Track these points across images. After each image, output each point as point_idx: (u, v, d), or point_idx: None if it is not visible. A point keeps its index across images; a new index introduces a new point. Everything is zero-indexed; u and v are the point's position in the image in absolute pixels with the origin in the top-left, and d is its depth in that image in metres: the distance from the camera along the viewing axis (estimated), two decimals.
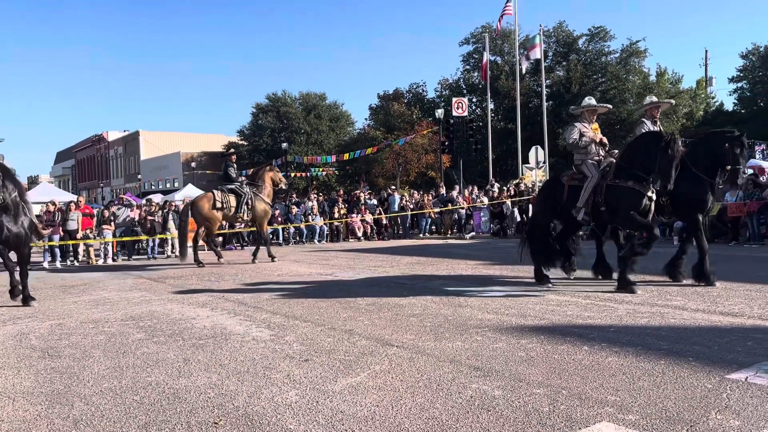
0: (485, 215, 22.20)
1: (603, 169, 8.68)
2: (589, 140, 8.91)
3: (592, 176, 8.64)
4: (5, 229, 8.59)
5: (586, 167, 8.79)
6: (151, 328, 6.88)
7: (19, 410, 4.22)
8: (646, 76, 40.55)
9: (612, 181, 8.36)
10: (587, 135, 8.93)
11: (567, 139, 9.15)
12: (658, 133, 8.36)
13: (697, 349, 5.04)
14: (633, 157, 8.27)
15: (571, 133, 9.05)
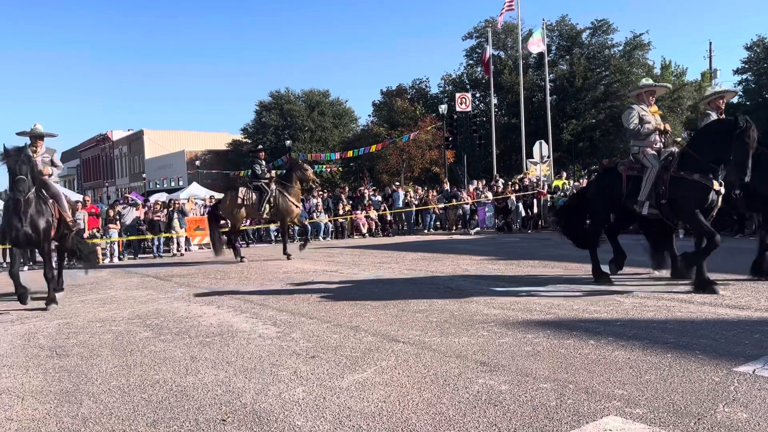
0: (490, 210, 22.18)
1: (665, 158, 7.85)
2: (652, 129, 8.06)
3: (652, 166, 7.82)
4: (14, 229, 8.36)
5: (646, 158, 7.95)
6: (158, 327, 6.90)
7: (29, 409, 4.24)
8: (650, 69, 40.37)
9: (676, 172, 7.57)
10: (651, 123, 8.06)
11: (626, 124, 8.19)
12: (730, 120, 7.37)
13: (704, 342, 5.03)
14: (701, 146, 7.51)
15: (630, 117, 8.11)
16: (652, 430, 3.33)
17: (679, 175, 7.53)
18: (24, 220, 8.30)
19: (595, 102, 39.09)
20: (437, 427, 3.54)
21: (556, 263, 10.99)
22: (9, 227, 8.31)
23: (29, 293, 8.68)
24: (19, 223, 8.28)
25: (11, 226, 8.28)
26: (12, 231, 8.29)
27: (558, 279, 9.10)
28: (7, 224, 8.35)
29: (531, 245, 15.39)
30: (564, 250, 13.55)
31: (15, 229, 8.28)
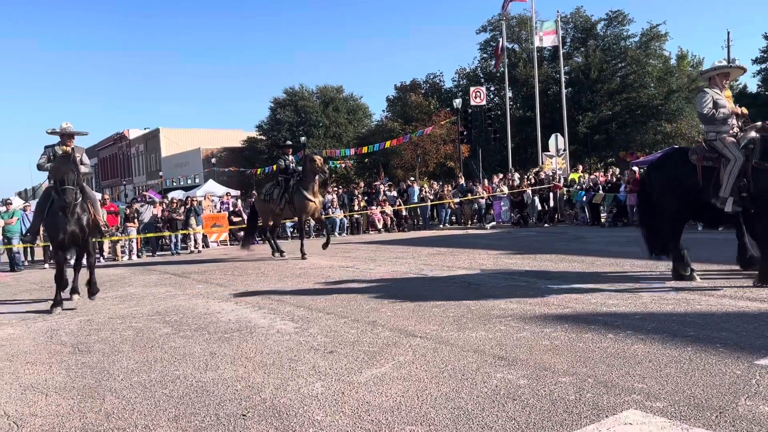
0: (505, 205, 22.09)
1: (746, 146, 7.19)
2: (729, 113, 7.40)
3: (736, 159, 7.12)
4: (61, 231, 8.37)
5: (726, 148, 7.24)
6: (177, 323, 6.97)
7: (52, 405, 4.31)
8: (666, 60, 39.92)
9: (759, 163, 6.96)
10: (726, 107, 7.41)
11: (699, 109, 7.51)
12: None
13: (725, 335, 4.99)
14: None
15: (704, 101, 7.42)
16: (673, 423, 3.31)
17: (765, 167, 6.91)
18: (71, 220, 8.36)
19: (610, 94, 38.72)
20: (456, 421, 3.55)
21: (573, 257, 10.93)
22: (56, 229, 8.37)
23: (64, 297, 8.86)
24: (67, 225, 8.32)
25: (58, 227, 8.32)
26: (59, 233, 8.33)
27: (575, 272, 9.05)
28: (54, 226, 8.40)
29: (547, 239, 15.32)
30: (580, 244, 13.51)
31: (63, 230, 8.31)
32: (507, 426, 3.43)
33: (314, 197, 13.79)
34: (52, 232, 8.51)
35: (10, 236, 16.77)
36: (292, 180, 14.14)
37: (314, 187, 13.78)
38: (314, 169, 13.62)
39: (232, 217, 21.53)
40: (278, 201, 14.17)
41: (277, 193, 14.26)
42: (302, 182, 13.87)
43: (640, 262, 9.63)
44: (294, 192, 13.88)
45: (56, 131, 8.97)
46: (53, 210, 8.39)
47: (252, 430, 3.62)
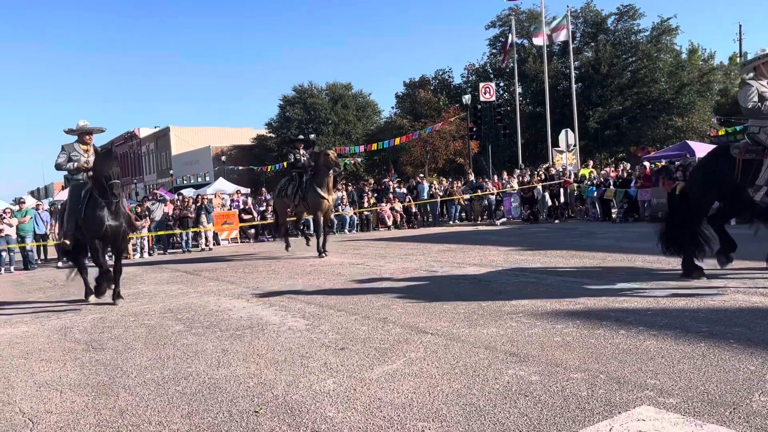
0: (515, 201, 22.03)
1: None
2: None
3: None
4: (105, 225, 8.43)
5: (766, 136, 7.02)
6: (189, 320, 7.02)
7: (67, 401, 4.36)
8: (677, 54, 39.57)
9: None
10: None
11: (744, 103, 7.20)
12: None
13: (738, 331, 4.95)
14: None
15: (749, 95, 7.11)
16: (686, 419, 3.29)
17: None
18: (113, 215, 8.45)
19: (621, 89, 38.44)
20: (468, 417, 3.55)
21: (584, 253, 10.88)
22: (98, 223, 8.38)
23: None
24: (110, 219, 8.41)
25: (97, 221, 8.36)
26: (99, 226, 8.37)
27: (586, 269, 9.02)
28: (95, 221, 8.39)
29: (558, 235, 15.27)
30: (591, 240, 13.45)
31: (102, 224, 8.36)
32: (519, 422, 3.43)
33: (328, 194, 13.41)
34: (94, 226, 8.43)
35: (24, 235, 16.93)
36: (305, 176, 13.74)
37: (328, 183, 13.36)
38: (328, 163, 13.20)
39: (243, 215, 21.61)
40: (292, 197, 13.85)
41: (292, 189, 13.91)
42: (315, 178, 13.41)
43: (651, 257, 9.58)
44: (307, 188, 13.49)
45: (73, 130, 8.99)
46: (92, 205, 8.40)
47: (264, 426, 3.64)
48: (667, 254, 8.08)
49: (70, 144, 8.99)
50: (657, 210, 17.74)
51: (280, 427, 3.61)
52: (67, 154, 8.88)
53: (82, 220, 8.56)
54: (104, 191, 8.32)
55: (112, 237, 8.63)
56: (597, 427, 3.29)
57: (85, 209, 8.48)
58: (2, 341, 6.61)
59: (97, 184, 8.40)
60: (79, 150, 8.93)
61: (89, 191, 8.59)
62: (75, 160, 8.86)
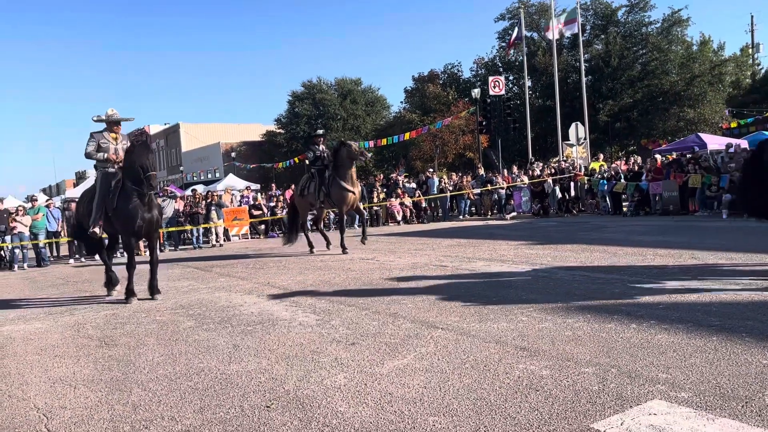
0: (526, 195, 21.96)
1: None
2: None
3: None
4: (139, 218, 8.34)
5: None
6: (201, 316, 7.06)
7: (81, 397, 4.40)
8: (689, 46, 39.24)
9: None
10: None
11: None
12: None
13: (751, 325, 4.92)
14: None
15: None
16: (698, 413, 3.28)
17: None
18: (148, 207, 8.42)
19: (631, 81, 38.20)
20: (478, 412, 3.55)
21: (594, 247, 10.84)
22: (132, 217, 8.29)
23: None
24: (144, 212, 8.37)
25: (135, 215, 8.29)
26: (136, 219, 8.30)
27: (597, 263, 8.97)
28: (129, 213, 8.30)
29: (568, 229, 15.21)
30: (602, 234, 13.39)
31: (140, 218, 8.32)
32: (530, 416, 3.43)
33: (353, 186, 12.94)
34: (127, 219, 8.34)
35: (36, 232, 17.08)
36: (327, 171, 13.21)
37: (352, 175, 12.92)
38: (351, 155, 12.72)
39: (253, 211, 21.68)
40: (316, 194, 13.30)
41: (314, 187, 13.40)
42: (338, 171, 12.90)
43: (663, 251, 9.54)
44: (331, 183, 12.97)
45: (102, 118, 8.91)
46: (124, 197, 8.32)
47: (276, 421, 3.66)
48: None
49: (99, 132, 8.89)
50: (668, 203, 17.64)
51: (291, 422, 3.63)
52: (96, 143, 8.77)
53: (113, 212, 8.44)
54: (139, 182, 8.23)
55: (146, 230, 8.57)
56: (608, 421, 3.28)
57: (117, 201, 8.38)
58: (16, 337, 6.68)
59: (132, 174, 8.29)
60: (109, 138, 8.83)
61: (120, 182, 8.47)
62: (104, 150, 8.76)
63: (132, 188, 8.29)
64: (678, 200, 17.43)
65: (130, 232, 8.47)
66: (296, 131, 52.36)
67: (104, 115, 8.93)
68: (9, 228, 16.58)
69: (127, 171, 8.39)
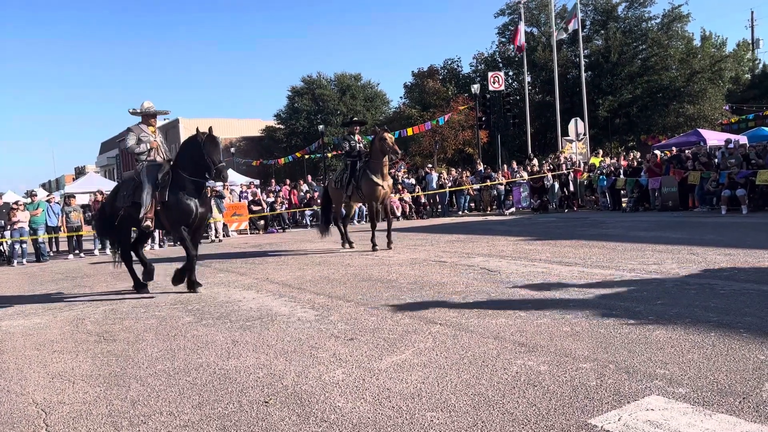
0: (525, 190, 21.96)
1: None
2: None
3: None
4: (194, 212, 8.35)
5: None
6: (200, 312, 7.06)
7: (79, 392, 4.40)
8: (689, 41, 39.17)
9: None
10: None
11: None
12: None
13: (749, 321, 4.93)
14: None
15: None
16: (696, 409, 3.29)
17: None
18: (200, 203, 8.43)
19: (631, 77, 38.14)
20: (476, 407, 3.56)
21: (593, 243, 10.85)
22: (184, 210, 8.28)
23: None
24: (200, 205, 8.40)
25: (186, 208, 8.28)
26: (188, 214, 8.30)
27: (596, 258, 8.98)
28: (184, 206, 8.29)
29: (567, 225, 15.21)
30: (601, 230, 13.39)
31: (191, 211, 8.30)
32: (527, 412, 3.43)
33: (383, 180, 12.39)
34: (182, 213, 8.31)
35: (36, 227, 17.07)
36: (359, 162, 12.75)
37: (383, 169, 12.36)
38: (384, 148, 12.16)
39: (252, 206, 21.68)
40: (346, 187, 12.88)
41: (346, 178, 12.95)
42: (369, 164, 12.42)
43: (661, 246, 9.55)
44: (361, 176, 12.52)
45: (138, 111, 8.88)
46: (177, 190, 8.30)
47: (274, 416, 3.67)
48: None
49: (137, 125, 8.87)
50: (667, 199, 17.65)
51: (289, 417, 3.63)
52: (136, 136, 8.76)
53: (161, 205, 8.37)
54: (201, 173, 8.30)
55: (198, 224, 8.60)
56: (606, 416, 3.29)
57: (169, 193, 8.33)
58: (15, 333, 6.68)
59: (192, 167, 8.31)
60: (147, 131, 8.82)
61: (169, 174, 8.45)
62: (146, 141, 8.73)
63: (190, 181, 8.31)
64: (677, 196, 17.44)
65: (183, 224, 8.42)
66: (296, 126, 52.36)
67: (140, 108, 8.90)
68: (9, 223, 16.57)
69: (186, 164, 8.39)
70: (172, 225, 8.56)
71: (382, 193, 12.53)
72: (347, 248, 13.16)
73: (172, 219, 8.41)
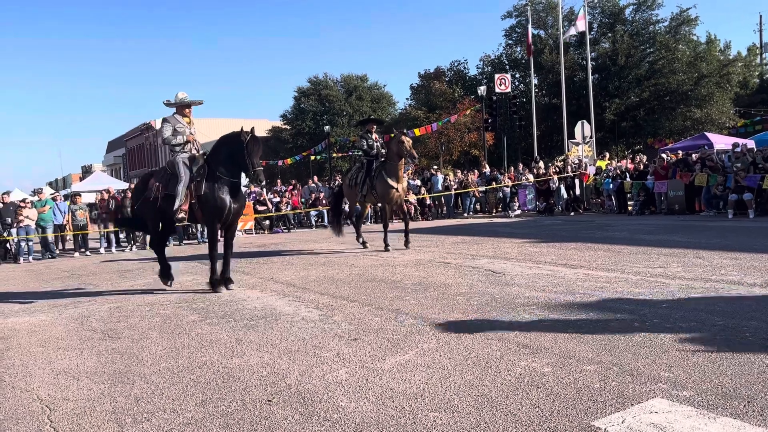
0: (530, 193, 21.91)
1: None
2: None
3: None
4: (228, 206, 8.37)
5: None
6: (204, 310, 7.08)
7: (84, 389, 4.42)
8: (696, 45, 39.01)
9: None
10: None
11: None
12: None
13: (754, 324, 4.90)
14: None
15: None
16: (700, 412, 3.27)
17: None
18: (234, 199, 8.48)
19: (638, 80, 37.99)
20: (480, 408, 3.56)
21: (599, 245, 10.82)
22: (218, 205, 8.33)
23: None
24: (233, 203, 8.45)
25: (220, 202, 8.32)
26: (222, 208, 8.34)
27: (601, 261, 8.96)
28: (215, 201, 8.33)
29: (573, 228, 15.17)
30: (607, 232, 13.35)
31: (225, 206, 8.35)
32: (531, 413, 3.43)
33: (398, 183, 12.28)
34: (216, 208, 8.35)
35: (45, 225, 17.14)
36: (375, 162, 12.64)
37: (399, 171, 12.27)
38: (401, 152, 12.02)
39: (257, 206, 21.70)
40: (360, 187, 12.75)
41: (361, 178, 12.80)
42: (385, 166, 12.31)
43: (667, 250, 9.52)
44: (376, 177, 12.40)
45: (172, 102, 8.88)
46: (212, 183, 8.34)
47: (277, 415, 3.67)
48: None
49: (172, 116, 8.89)
50: (674, 203, 17.58)
51: (292, 416, 3.64)
52: (172, 127, 8.78)
53: (197, 198, 8.40)
54: (238, 172, 8.40)
55: (232, 220, 8.63)
56: (609, 419, 3.28)
57: (204, 187, 8.35)
58: (21, 330, 6.72)
59: (228, 164, 8.37)
60: (183, 122, 8.85)
61: (204, 167, 8.48)
62: (181, 133, 8.74)
63: (224, 178, 8.36)
64: (684, 200, 17.36)
65: (217, 219, 8.47)
66: (302, 127, 52.37)
67: (174, 99, 8.89)
68: (16, 221, 16.65)
69: (224, 160, 8.43)
70: (206, 219, 8.62)
71: (396, 196, 12.43)
72: (360, 246, 13.04)
73: (206, 213, 8.47)
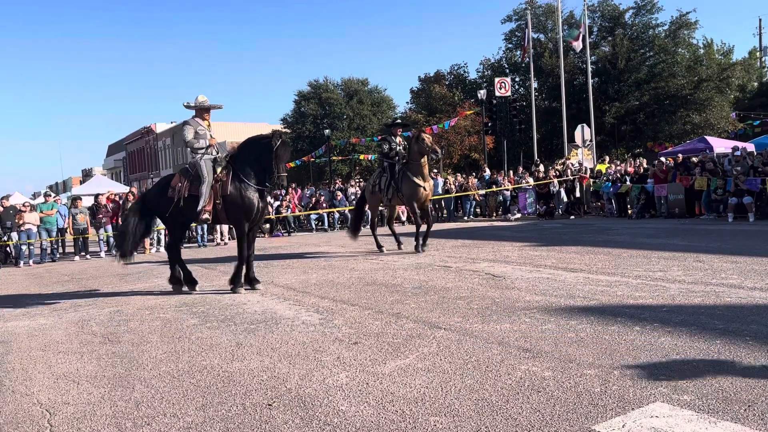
0: (531, 196, 21.92)
1: None
2: None
3: None
4: (256, 207, 8.56)
5: None
6: (204, 314, 7.07)
7: (84, 393, 4.41)
8: (696, 49, 39.06)
9: None
10: None
11: None
12: None
13: (755, 329, 4.90)
14: None
15: None
16: (700, 416, 3.27)
17: None
18: (261, 200, 8.65)
19: (638, 84, 38.02)
20: (480, 412, 3.55)
21: (599, 249, 10.82)
22: (247, 205, 8.49)
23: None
24: (260, 204, 8.62)
25: (249, 203, 8.49)
26: (251, 209, 8.51)
27: (601, 265, 8.95)
28: (243, 202, 8.48)
29: (573, 231, 15.17)
30: (607, 236, 13.35)
31: (254, 206, 8.52)
32: (531, 418, 3.42)
33: (424, 181, 12.17)
34: (245, 207, 8.50)
35: (50, 228, 17.13)
36: (397, 165, 12.52)
37: (423, 170, 12.12)
38: (423, 149, 11.98)
39: None
40: (386, 191, 12.60)
41: (385, 182, 12.66)
42: (409, 166, 12.20)
43: (667, 253, 9.52)
44: (401, 178, 12.25)
45: (192, 105, 8.96)
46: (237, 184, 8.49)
47: (277, 419, 3.67)
48: None
49: (193, 119, 9.00)
50: (674, 206, 17.58)
51: (293, 420, 3.63)
52: (193, 129, 8.88)
53: (222, 199, 8.53)
54: (262, 175, 8.55)
55: (259, 219, 8.79)
56: (610, 423, 3.28)
57: (230, 188, 8.50)
58: (21, 333, 6.71)
59: (254, 168, 8.53)
60: (203, 125, 8.94)
61: (229, 168, 8.61)
62: (202, 137, 8.83)
63: (247, 181, 8.51)
64: (684, 203, 17.37)
65: (247, 219, 8.61)
66: (302, 131, 52.39)
67: (194, 102, 8.99)
68: (16, 224, 16.64)
69: (251, 162, 8.57)
70: (233, 220, 8.75)
71: (424, 195, 12.26)
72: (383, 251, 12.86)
73: (233, 214, 8.60)
